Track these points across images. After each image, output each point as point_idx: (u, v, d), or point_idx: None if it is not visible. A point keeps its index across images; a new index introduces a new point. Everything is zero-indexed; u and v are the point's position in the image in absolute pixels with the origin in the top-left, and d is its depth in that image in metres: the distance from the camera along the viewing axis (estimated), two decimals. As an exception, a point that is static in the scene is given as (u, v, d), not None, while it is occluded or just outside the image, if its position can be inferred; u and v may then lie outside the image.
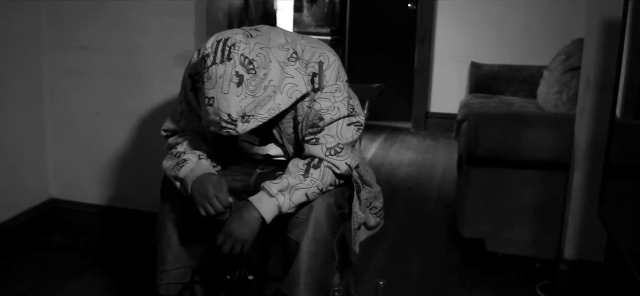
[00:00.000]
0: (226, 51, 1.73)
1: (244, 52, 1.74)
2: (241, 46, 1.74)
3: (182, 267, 2.07)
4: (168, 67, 2.86)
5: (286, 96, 1.86)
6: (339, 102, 1.94)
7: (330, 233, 1.96)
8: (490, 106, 4.15)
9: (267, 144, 2.09)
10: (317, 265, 1.94)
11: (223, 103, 1.75)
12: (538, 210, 2.89)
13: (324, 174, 1.93)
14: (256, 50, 1.77)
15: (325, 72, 1.92)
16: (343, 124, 1.96)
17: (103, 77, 2.97)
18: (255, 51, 1.76)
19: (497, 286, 2.82)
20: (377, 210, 2.27)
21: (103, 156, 3.04)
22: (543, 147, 2.78)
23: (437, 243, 3.27)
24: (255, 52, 1.76)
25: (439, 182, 4.29)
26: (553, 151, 2.78)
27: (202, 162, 2.00)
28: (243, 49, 1.74)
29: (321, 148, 1.94)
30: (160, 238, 2.08)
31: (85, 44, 2.96)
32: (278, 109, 1.84)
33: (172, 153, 2.05)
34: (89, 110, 3.02)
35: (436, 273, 2.93)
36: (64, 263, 2.86)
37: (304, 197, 1.91)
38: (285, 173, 1.93)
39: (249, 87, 1.76)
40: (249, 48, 1.75)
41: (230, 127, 1.78)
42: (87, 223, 3.10)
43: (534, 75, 4.63)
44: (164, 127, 2.15)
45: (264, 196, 1.89)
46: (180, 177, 1.96)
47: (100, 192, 3.08)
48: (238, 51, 1.74)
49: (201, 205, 1.91)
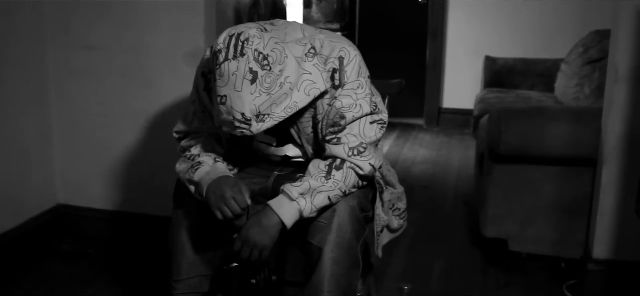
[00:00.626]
0: (239, 46, 1.63)
1: (258, 47, 1.64)
2: (255, 41, 1.64)
3: (198, 276, 1.98)
4: (177, 66, 2.76)
5: (304, 94, 1.75)
6: (361, 100, 1.83)
7: (354, 238, 1.85)
8: (507, 101, 4.04)
9: (285, 145, 1.98)
10: (341, 271, 1.83)
11: (236, 102, 1.65)
12: (563, 208, 2.78)
13: (347, 176, 1.83)
14: (271, 45, 1.66)
15: (346, 68, 1.82)
16: (366, 123, 1.85)
17: (110, 78, 2.87)
18: (271, 46, 1.66)
19: (523, 287, 2.71)
20: (400, 212, 2.17)
21: (112, 159, 2.94)
22: (569, 142, 2.67)
23: (459, 243, 3.17)
24: (270, 47, 1.66)
25: (456, 180, 4.18)
26: (579, 146, 2.67)
27: (218, 165, 1.90)
28: (257, 44, 1.64)
29: (343, 149, 1.83)
30: (174, 246, 1.98)
31: (91, 43, 2.86)
32: (295, 108, 1.73)
33: (186, 156, 1.95)
34: (96, 112, 2.92)
35: (460, 275, 2.82)
36: (74, 271, 2.76)
37: (326, 201, 1.80)
38: (305, 175, 1.82)
39: (264, 85, 1.65)
40: (264, 43, 1.65)
41: (244, 127, 1.68)
42: (97, 229, 3.00)
43: (550, 68, 4.53)
44: (176, 129, 2.05)
45: (284, 200, 1.78)
46: (195, 180, 1.86)
47: (109, 197, 2.99)
48: (252, 46, 1.63)
49: (217, 208, 1.80)
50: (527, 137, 2.68)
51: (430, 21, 5.51)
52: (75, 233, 3.03)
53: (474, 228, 3.25)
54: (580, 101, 3.37)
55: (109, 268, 2.79)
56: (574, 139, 2.67)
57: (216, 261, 2.00)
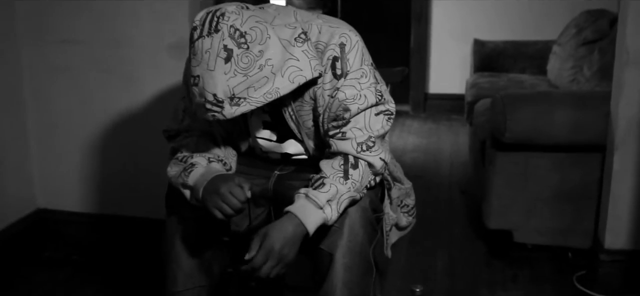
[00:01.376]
0: (214, 22, 1.49)
1: (235, 23, 1.49)
2: (232, 17, 1.49)
3: (196, 287, 1.82)
4: (160, 59, 2.59)
5: (288, 80, 1.57)
6: (365, 89, 1.68)
7: (366, 241, 1.71)
8: (500, 85, 3.92)
9: (285, 141, 1.83)
10: (354, 278, 1.69)
11: (208, 82, 1.50)
12: (570, 196, 2.67)
13: (363, 174, 1.68)
14: (251, 23, 1.51)
15: (348, 55, 1.66)
16: (371, 114, 1.70)
17: (89, 73, 2.69)
18: (250, 24, 1.51)
19: (531, 280, 2.60)
20: (408, 209, 2.03)
21: (93, 160, 2.77)
22: (575, 127, 2.55)
23: (460, 235, 3.05)
24: (248, 25, 1.50)
25: (449, 167, 4.06)
26: (586, 132, 2.55)
27: (212, 165, 1.73)
28: (234, 19, 1.49)
29: (351, 144, 1.68)
30: (168, 257, 1.82)
31: (67, 36, 2.67)
32: (276, 94, 1.56)
33: (178, 158, 1.78)
34: (75, 110, 2.74)
35: (464, 269, 2.70)
36: (57, 279, 2.59)
37: (348, 206, 1.66)
38: (323, 176, 1.66)
39: (240, 64, 1.49)
40: (242, 19, 1.50)
41: (216, 110, 1.52)
42: (80, 233, 2.83)
43: (541, 50, 4.42)
44: (165, 128, 1.89)
45: (310, 207, 1.61)
46: (189, 184, 1.69)
47: (92, 199, 2.81)
48: (227, 22, 1.48)
49: (215, 207, 1.62)
50: (533, 124, 2.56)
51: (414, 4, 5.36)
52: (57, 238, 2.85)
53: (475, 219, 3.14)
54: (580, 84, 3.26)
55: (96, 275, 2.63)
56: (581, 124, 2.55)
57: (215, 271, 1.85)
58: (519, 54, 4.53)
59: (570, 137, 2.57)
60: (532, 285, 2.56)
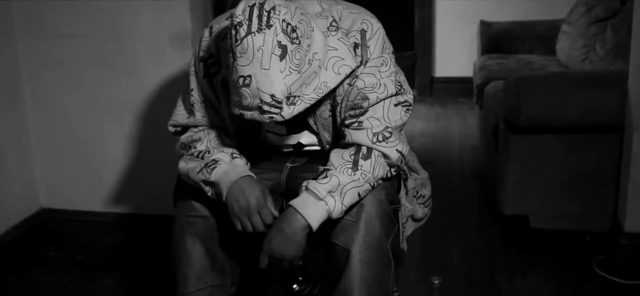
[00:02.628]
0: (264, 17, 1.39)
1: (286, 17, 1.40)
2: (282, 10, 1.40)
3: (208, 287, 1.76)
4: (163, 51, 2.52)
5: (333, 72, 1.52)
6: (385, 78, 1.62)
7: (384, 235, 1.65)
8: (509, 67, 3.84)
9: (299, 132, 1.76)
10: (372, 274, 1.63)
11: (264, 82, 1.40)
12: (587, 179, 2.59)
13: (376, 166, 1.61)
14: (298, 16, 1.43)
15: (369, 42, 1.60)
16: (390, 104, 1.64)
17: (89, 68, 2.62)
18: (298, 17, 1.42)
19: (550, 266, 2.52)
20: (424, 199, 1.97)
21: (96, 157, 2.70)
22: (593, 108, 2.47)
23: (474, 222, 2.97)
24: (297, 18, 1.42)
25: (459, 152, 3.98)
26: (604, 112, 2.47)
27: (236, 162, 1.67)
28: (284, 13, 1.40)
29: (366, 134, 1.61)
30: (178, 256, 1.76)
31: (65, 31, 2.60)
32: (325, 88, 1.50)
33: (192, 153, 1.71)
34: (76, 106, 2.67)
35: (480, 257, 2.63)
36: (63, 281, 2.52)
37: (356, 197, 1.59)
38: (329, 167, 1.60)
39: (294, 61, 1.42)
40: (291, 13, 1.41)
41: (274, 111, 1.44)
42: (85, 233, 2.76)
43: (549, 30, 4.32)
44: (172, 122, 1.81)
45: (309, 199, 1.56)
46: (211, 180, 1.63)
47: (96, 197, 2.74)
48: (279, 16, 1.39)
49: (239, 219, 1.59)
50: (549, 106, 2.48)
51: (418, -13, 5.28)
52: (61, 238, 2.79)
53: (488, 204, 3.07)
54: (593, 63, 3.17)
55: (103, 274, 2.55)
56: (598, 105, 2.47)
57: (227, 270, 1.78)
58: (527, 34, 4.44)
59: (587, 118, 2.49)
60: (551, 271, 2.49)
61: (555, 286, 2.39)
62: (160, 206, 2.64)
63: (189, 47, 2.47)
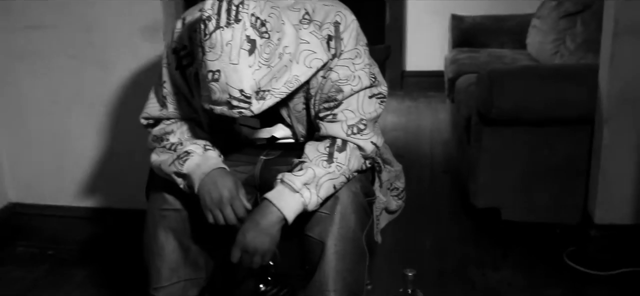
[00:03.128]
0: (232, 11, 1.38)
1: (255, 11, 1.39)
2: (251, 4, 1.39)
3: (182, 281, 1.74)
4: (134, 43, 2.50)
5: (304, 66, 1.52)
6: (359, 70, 1.61)
7: (359, 227, 1.64)
8: (480, 61, 3.86)
9: (273, 125, 1.74)
10: (347, 266, 1.62)
11: (233, 77, 1.40)
12: (557, 171, 2.62)
13: (351, 158, 1.61)
14: (268, 10, 1.42)
15: (342, 35, 1.60)
16: (365, 97, 1.63)
17: (58, 59, 2.58)
18: (267, 11, 1.41)
19: (521, 258, 2.54)
20: (398, 192, 1.97)
21: (66, 150, 2.66)
22: (564, 101, 2.49)
23: (446, 214, 2.99)
24: (266, 12, 1.41)
25: (430, 146, 4.00)
26: (575, 105, 2.50)
27: (208, 154, 1.65)
28: (253, 7, 1.39)
29: (341, 127, 1.61)
30: (151, 250, 1.74)
31: (34, 22, 2.56)
32: (297, 82, 1.50)
33: (164, 145, 1.69)
34: (45, 99, 2.63)
35: (453, 249, 2.64)
36: (33, 276, 2.48)
37: (331, 190, 1.58)
38: (304, 160, 1.59)
39: (263, 55, 1.41)
40: (260, 7, 1.40)
41: (243, 106, 1.43)
42: (55, 227, 2.73)
43: (520, 24, 4.36)
44: (144, 115, 1.79)
45: (285, 191, 1.55)
46: (183, 172, 1.61)
47: (65, 191, 2.71)
48: (248, 11, 1.38)
49: (211, 212, 1.58)
50: (521, 99, 2.50)
51: (389, -19, 5.29)
52: (31, 233, 2.74)
53: (460, 197, 3.08)
54: (564, 57, 3.21)
55: (74, 270, 2.51)
56: (569, 98, 2.50)
57: (201, 264, 1.76)
58: (498, 28, 4.48)
59: (558, 111, 2.52)
60: (523, 263, 2.51)
61: (527, 278, 2.40)
62: (131, 200, 2.62)
63: (161, 39, 2.45)
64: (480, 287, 2.36)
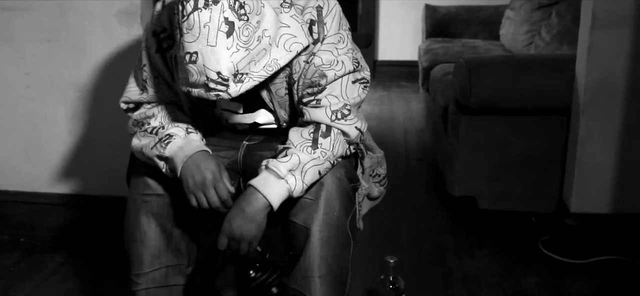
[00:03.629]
0: None
1: None
2: None
3: (164, 267, 1.72)
4: (110, 26, 2.45)
5: (284, 49, 1.51)
6: (342, 55, 1.60)
7: (343, 213, 1.64)
8: (454, 50, 3.89)
9: (255, 111, 1.73)
10: (332, 252, 1.62)
11: (210, 59, 1.38)
12: (533, 161, 2.64)
13: (335, 143, 1.60)
14: None
15: (325, 19, 1.59)
16: (348, 82, 1.62)
17: (32, 43, 2.52)
18: None
19: (497, 246, 2.56)
20: (380, 178, 1.96)
21: (38, 136, 2.60)
22: (542, 92, 2.52)
23: (421, 203, 3.00)
24: None
25: (404, 135, 4.02)
26: (553, 96, 2.52)
27: (191, 137, 1.63)
28: None
29: (325, 112, 1.60)
30: (132, 236, 1.71)
31: (7, 4, 2.49)
32: (276, 65, 1.49)
33: (146, 129, 1.66)
34: (18, 83, 2.56)
35: (429, 237, 2.65)
36: (5, 264, 2.42)
37: (317, 175, 1.57)
38: (288, 146, 1.58)
39: (241, 38, 1.39)
40: None
41: (220, 89, 1.42)
42: (26, 214, 2.66)
43: (493, 15, 4.41)
44: (124, 99, 1.75)
45: (270, 178, 1.53)
46: (165, 155, 1.59)
47: (38, 178, 2.65)
48: None
49: (193, 195, 1.56)
50: (499, 88, 2.52)
51: (362, -29, 5.29)
52: (1, 220, 2.67)
53: (435, 186, 3.10)
54: (539, 48, 3.23)
55: (47, 258, 2.47)
56: (547, 88, 2.52)
57: (183, 250, 1.74)
58: (471, 19, 4.51)
59: (535, 101, 2.54)
60: (499, 251, 2.53)
61: (504, 265, 2.42)
62: (105, 186, 2.59)
63: (138, 22, 2.41)
64: (459, 275, 2.37)
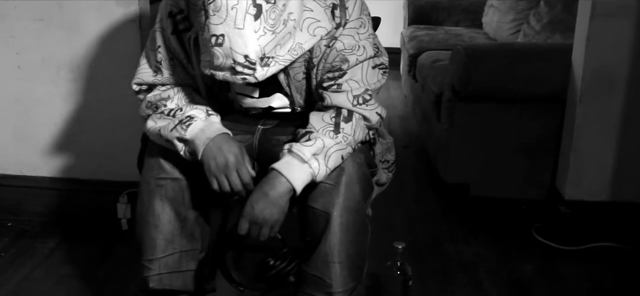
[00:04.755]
0: None
1: None
2: None
3: (177, 252, 1.70)
4: (106, 5, 2.38)
5: (308, 33, 1.50)
6: (364, 40, 1.60)
7: (362, 198, 1.63)
8: (439, 38, 3.91)
9: (270, 95, 1.70)
10: (350, 238, 1.61)
11: (237, 42, 1.37)
12: (528, 148, 2.68)
13: (357, 128, 1.59)
14: None
15: (347, 4, 1.58)
16: (368, 67, 1.62)
17: (23, 22, 2.43)
18: None
19: (491, 233, 2.58)
20: (389, 164, 1.96)
21: (29, 118, 2.53)
22: (538, 80, 2.54)
23: (412, 190, 3.01)
24: None
25: (387, 122, 4.02)
26: (548, 84, 2.55)
27: (212, 119, 1.61)
28: None
29: (347, 97, 1.59)
30: (145, 220, 1.68)
31: (-4, -19, 2.42)
32: (300, 50, 1.49)
33: (162, 111, 1.63)
34: (8, 64, 2.48)
35: (423, 225, 2.66)
36: (-5, 249, 2.37)
37: (339, 160, 1.56)
38: (310, 130, 1.56)
39: (268, 21, 1.39)
40: None
41: (247, 72, 1.41)
42: (14, 198, 2.59)
43: (474, 4, 4.44)
44: (136, 80, 1.71)
45: (294, 162, 1.52)
46: (186, 138, 1.56)
47: (27, 161, 2.57)
48: None
49: (215, 178, 1.53)
50: (497, 76, 2.54)
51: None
52: (-10, 204, 2.61)
53: (426, 173, 3.12)
54: (528, 37, 3.26)
55: (38, 243, 2.41)
56: (543, 77, 2.55)
57: (197, 235, 1.72)
58: (453, 6, 4.53)
59: (532, 89, 2.56)
60: (493, 238, 2.55)
61: (500, 252, 2.44)
62: (97, 170, 2.53)
63: (135, 2, 2.35)
64: (456, 262, 2.38)
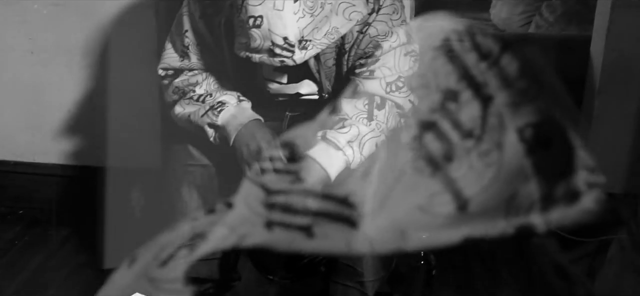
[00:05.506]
0: None
1: None
2: None
3: (204, 240, 1.66)
4: (121, -10, 2.35)
5: (343, 17, 1.49)
6: (397, 27, 1.60)
7: (393, 186, 1.61)
8: (448, 29, 3.87)
9: (299, 80, 1.68)
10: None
11: (276, 24, 1.37)
12: (541, 139, 2.65)
13: (389, 116, 1.58)
14: None
15: None
16: (401, 54, 1.61)
17: (37, 5, 2.40)
18: None
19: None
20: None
21: (42, 104, 2.50)
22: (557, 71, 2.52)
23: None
24: None
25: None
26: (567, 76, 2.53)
27: (243, 105, 1.61)
28: None
29: (380, 84, 1.57)
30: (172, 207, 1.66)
31: (8, -36, 2.38)
32: (336, 34, 1.48)
33: (191, 97, 1.62)
34: (20, 48, 2.45)
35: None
36: (8, 237, 2.34)
37: (373, 148, 1.55)
38: (344, 117, 1.54)
39: (307, 3, 1.39)
40: None
41: (286, 55, 1.41)
42: (27, 185, 2.56)
43: (481, -5, 4.39)
44: (163, 65, 1.70)
45: (329, 149, 1.50)
46: (218, 124, 1.56)
47: (40, 148, 2.54)
48: None
49: (248, 164, 1.51)
50: (516, 67, 2.52)
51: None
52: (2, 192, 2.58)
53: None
54: (541, 28, 3.24)
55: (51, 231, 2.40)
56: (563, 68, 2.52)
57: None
58: (459, -2, 4.50)
59: (549, 81, 2.55)
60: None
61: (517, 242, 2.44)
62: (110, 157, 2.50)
63: (154, -13, 2.33)
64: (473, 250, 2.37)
